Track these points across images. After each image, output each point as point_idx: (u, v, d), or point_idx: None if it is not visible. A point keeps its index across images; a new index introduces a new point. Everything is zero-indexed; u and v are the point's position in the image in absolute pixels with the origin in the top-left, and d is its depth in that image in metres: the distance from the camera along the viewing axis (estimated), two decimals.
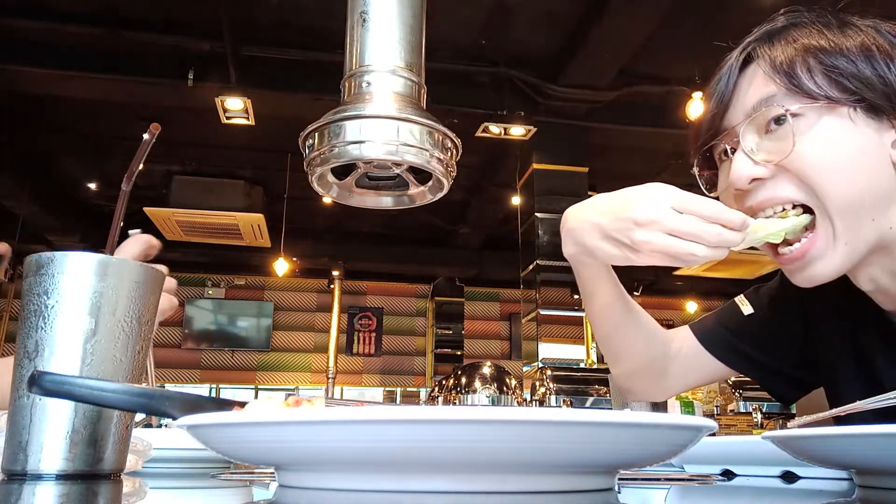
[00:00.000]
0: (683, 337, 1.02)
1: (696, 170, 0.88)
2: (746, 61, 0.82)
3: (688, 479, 0.74)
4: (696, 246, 0.73)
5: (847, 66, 0.75)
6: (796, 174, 0.76)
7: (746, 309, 1.00)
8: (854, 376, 0.87)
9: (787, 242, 0.78)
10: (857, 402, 0.67)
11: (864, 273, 0.81)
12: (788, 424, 0.72)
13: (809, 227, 0.77)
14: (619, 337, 0.98)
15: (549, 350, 4.95)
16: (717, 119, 0.83)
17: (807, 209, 0.77)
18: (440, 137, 1.09)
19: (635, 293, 8.32)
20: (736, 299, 1.03)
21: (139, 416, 0.84)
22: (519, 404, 3.50)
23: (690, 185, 0.82)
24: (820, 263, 0.77)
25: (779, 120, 0.76)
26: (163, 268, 0.66)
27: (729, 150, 0.83)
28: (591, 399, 4.36)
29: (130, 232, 0.81)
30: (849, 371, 0.88)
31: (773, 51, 0.78)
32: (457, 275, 9.12)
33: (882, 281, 0.80)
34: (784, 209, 0.78)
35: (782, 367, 0.97)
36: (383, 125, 1.06)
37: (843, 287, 0.87)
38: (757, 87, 0.79)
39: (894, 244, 0.77)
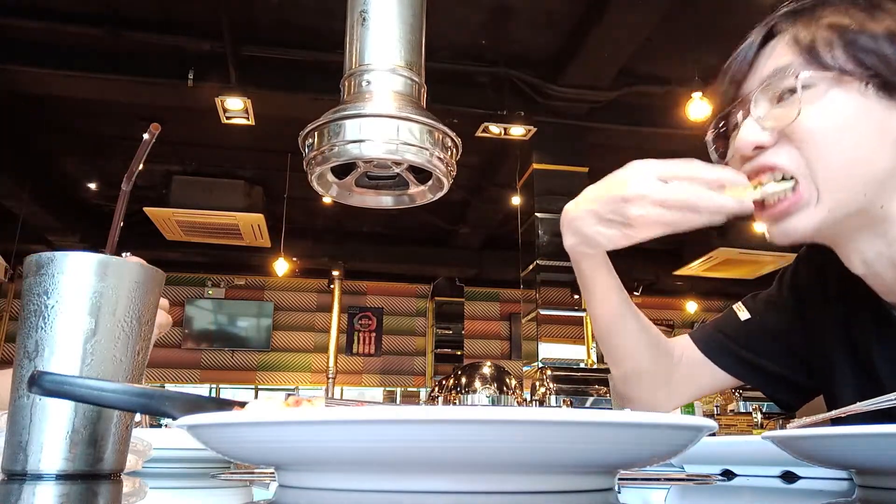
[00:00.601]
0: (684, 345, 1.01)
1: (709, 137, 0.88)
2: (768, 36, 0.82)
3: (688, 479, 0.74)
4: (690, 216, 0.75)
5: (867, 42, 0.75)
6: (796, 143, 0.76)
7: (743, 314, 1.00)
8: (850, 372, 0.87)
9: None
10: (857, 404, 0.67)
11: (855, 253, 0.81)
12: (788, 425, 0.72)
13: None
14: (618, 333, 0.97)
15: (549, 350, 4.94)
16: (733, 88, 0.84)
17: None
18: (440, 136, 1.09)
19: (635, 293, 8.32)
20: (734, 306, 1.03)
21: (138, 417, 0.84)
22: (519, 404, 3.50)
23: None
24: (796, 219, 0.77)
25: (792, 90, 0.77)
26: None
27: (741, 119, 0.83)
28: (591, 399, 4.36)
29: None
30: (844, 367, 0.88)
31: (796, 26, 0.79)
32: (457, 275, 9.12)
33: (877, 266, 0.80)
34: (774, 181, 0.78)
35: (781, 371, 0.97)
36: (383, 124, 1.06)
37: (840, 280, 0.87)
38: (775, 58, 0.80)
39: (885, 224, 0.77)
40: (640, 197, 0.76)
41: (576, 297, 5.04)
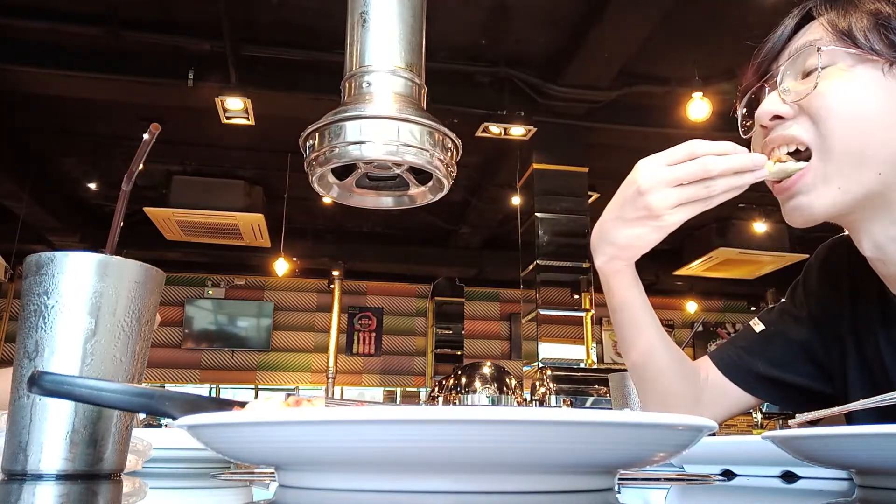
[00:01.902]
0: (706, 367, 1.00)
1: (740, 113, 0.88)
2: (804, 20, 0.83)
3: (688, 479, 0.74)
4: (707, 183, 0.75)
5: None
6: (813, 116, 0.77)
7: (758, 327, 0.99)
8: (860, 367, 0.87)
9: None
10: (857, 402, 0.67)
11: (867, 236, 0.81)
12: (789, 423, 0.72)
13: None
14: (645, 351, 0.94)
15: (549, 350, 4.94)
16: (763, 66, 0.85)
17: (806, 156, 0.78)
18: (440, 138, 1.09)
19: None
20: (750, 321, 1.02)
21: (141, 416, 0.84)
22: (519, 404, 3.49)
23: None
24: (806, 197, 0.78)
25: (817, 66, 0.78)
26: None
27: (767, 94, 0.84)
28: (591, 399, 4.36)
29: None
30: (855, 365, 0.88)
31: (834, 11, 0.80)
32: (457, 275, 9.12)
33: (887, 250, 0.80)
34: (789, 153, 0.79)
35: (801, 381, 0.95)
36: (384, 125, 1.06)
37: (850, 279, 0.88)
38: (807, 35, 0.81)
39: None
40: (655, 183, 0.76)
41: (576, 297, 5.04)
